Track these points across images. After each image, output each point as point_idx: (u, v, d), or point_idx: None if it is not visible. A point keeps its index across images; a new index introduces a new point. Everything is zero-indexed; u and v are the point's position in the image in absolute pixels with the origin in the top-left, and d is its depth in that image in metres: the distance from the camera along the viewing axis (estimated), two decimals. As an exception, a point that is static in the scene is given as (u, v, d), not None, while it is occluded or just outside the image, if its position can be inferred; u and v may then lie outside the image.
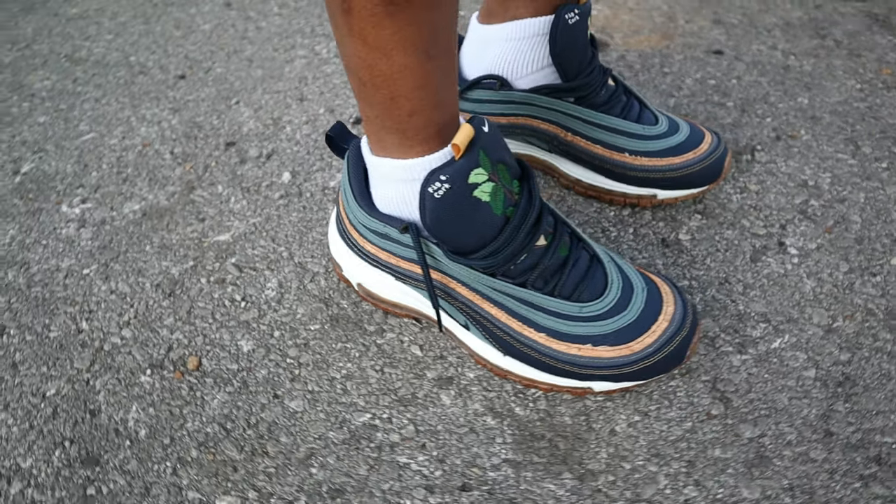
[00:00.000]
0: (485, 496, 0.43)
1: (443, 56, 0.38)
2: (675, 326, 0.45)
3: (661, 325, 0.45)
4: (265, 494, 0.44)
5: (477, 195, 0.42)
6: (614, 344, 0.45)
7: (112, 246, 0.62)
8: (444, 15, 0.36)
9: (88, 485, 0.45)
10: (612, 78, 0.60)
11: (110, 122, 0.77)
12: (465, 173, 0.41)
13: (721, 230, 0.59)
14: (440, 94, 0.40)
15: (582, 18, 0.54)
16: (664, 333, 0.44)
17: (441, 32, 0.37)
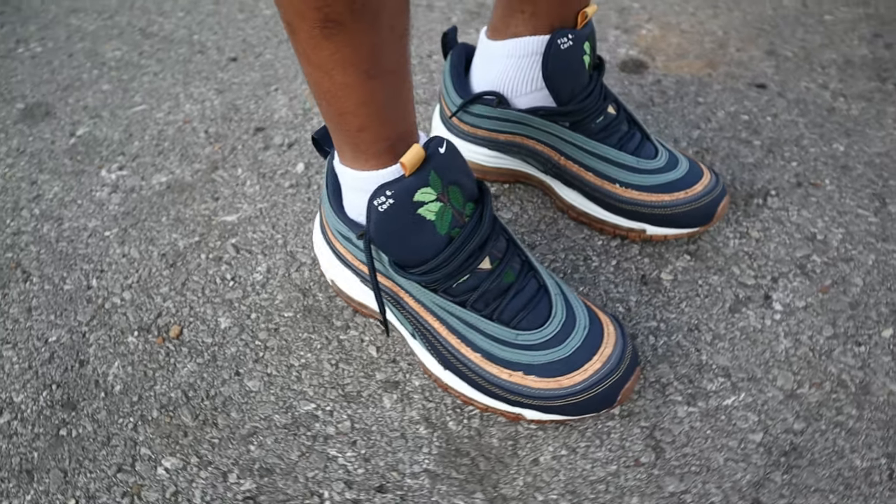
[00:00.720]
0: (397, 500, 0.45)
1: (386, 76, 0.40)
2: (609, 369, 0.45)
3: (593, 366, 0.45)
4: (204, 462, 0.48)
5: (422, 213, 0.43)
6: (543, 376, 0.45)
7: (134, 213, 0.68)
8: (383, 38, 0.37)
9: (62, 426, 0.51)
10: (616, 105, 0.59)
11: (161, 96, 0.84)
12: (411, 191, 0.42)
13: (707, 274, 0.58)
14: (387, 112, 0.42)
15: (576, 44, 0.54)
16: (595, 374, 0.45)
17: (382, 54, 0.38)
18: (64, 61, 0.91)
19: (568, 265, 0.59)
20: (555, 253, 0.60)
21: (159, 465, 0.48)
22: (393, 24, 0.38)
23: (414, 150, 0.42)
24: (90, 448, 0.50)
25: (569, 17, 0.54)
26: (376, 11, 0.36)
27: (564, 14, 0.53)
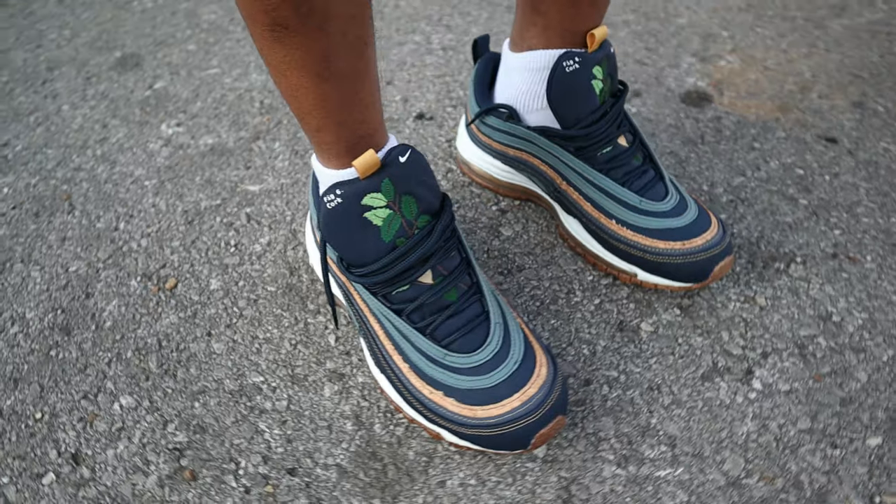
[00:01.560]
0: (301, 486, 0.47)
1: (340, 79, 0.40)
2: (526, 410, 0.43)
3: (512, 403, 0.44)
4: (154, 408, 0.52)
5: (368, 217, 0.44)
6: (462, 401, 0.45)
7: (175, 168, 0.74)
8: (334, 43, 0.38)
9: (54, 348, 0.57)
10: (632, 137, 0.56)
11: (235, 63, 0.90)
12: (360, 194, 0.43)
13: (691, 334, 0.54)
14: (343, 115, 0.42)
15: (584, 67, 0.51)
16: (511, 412, 0.43)
17: (333, 58, 0.39)
18: (165, 18, 0.99)
19: (548, 295, 0.57)
20: (539, 280, 0.59)
21: (117, 400, 0.53)
22: (345, 30, 0.38)
23: (367, 155, 0.42)
24: (68, 372, 0.55)
25: (579, 36, 0.52)
26: (324, 17, 0.37)
27: (575, 29, 0.52)
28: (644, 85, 0.79)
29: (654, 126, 0.73)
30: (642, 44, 0.87)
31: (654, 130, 0.72)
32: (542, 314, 0.56)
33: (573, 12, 0.51)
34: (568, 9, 0.51)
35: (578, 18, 0.51)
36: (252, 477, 0.48)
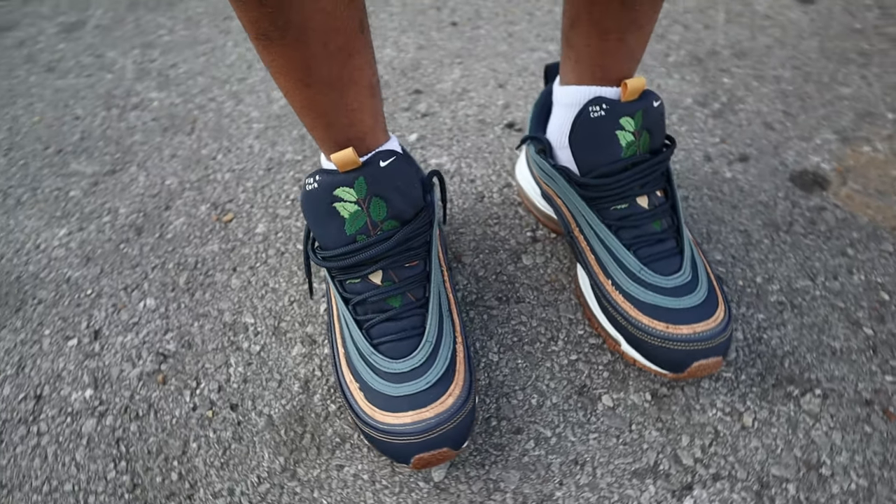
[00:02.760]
0: (233, 421, 0.53)
1: (323, 86, 0.43)
2: (412, 430, 0.44)
3: (404, 417, 0.45)
4: (165, 315, 0.61)
5: (336, 207, 0.47)
6: (368, 399, 0.47)
7: (282, 118, 0.82)
8: (314, 53, 0.41)
9: (124, 242, 0.69)
10: (656, 202, 0.52)
11: (380, 35, 0.96)
12: (333, 185, 0.46)
13: (649, 425, 0.50)
14: (330, 118, 0.45)
15: (610, 116, 0.49)
16: (399, 425, 0.45)
17: (315, 67, 0.42)
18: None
19: (530, 334, 0.56)
20: (530, 317, 0.57)
21: (144, 300, 0.63)
22: (325, 41, 0.41)
23: (344, 153, 0.45)
24: (123, 265, 0.66)
25: (610, 74, 0.50)
26: (302, 30, 0.39)
27: (605, 65, 0.50)
28: (757, 151, 0.71)
29: (742, 198, 0.66)
30: (782, 106, 0.77)
31: (738, 202, 0.66)
32: (513, 350, 0.55)
33: (601, 46, 0.49)
34: (596, 42, 0.49)
35: (608, 55, 0.49)
36: (203, 399, 0.54)
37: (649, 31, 0.49)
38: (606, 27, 0.48)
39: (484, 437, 0.50)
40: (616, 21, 0.47)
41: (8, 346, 0.60)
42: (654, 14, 0.48)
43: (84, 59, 1.01)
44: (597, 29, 0.48)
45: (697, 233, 0.63)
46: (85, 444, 0.52)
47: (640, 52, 0.50)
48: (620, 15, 0.47)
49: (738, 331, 0.55)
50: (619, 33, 0.48)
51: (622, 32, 0.48)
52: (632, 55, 0.50)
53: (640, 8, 0.46)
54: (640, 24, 0.48)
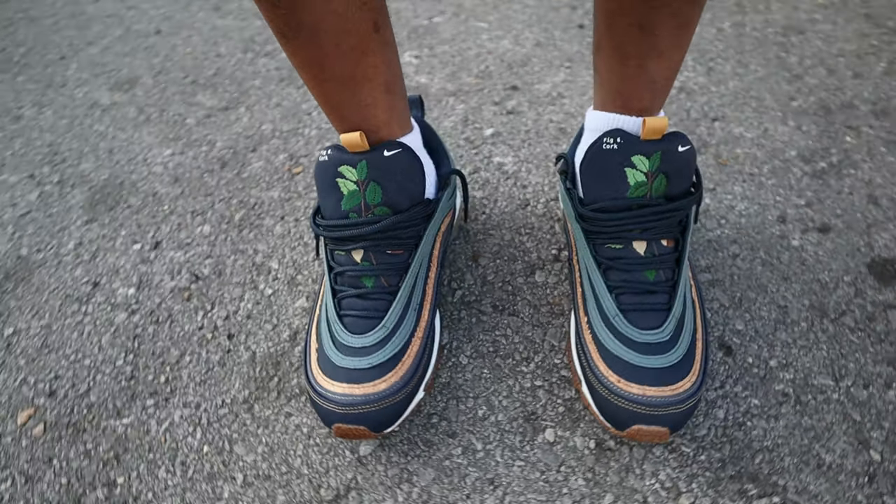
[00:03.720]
0: (225, 349, 0.59)
1: (337, 82, 0.46)
2: (339, 399, 0.47)
3: (337, 387, 0.48)
4: (211, 244, 0.69)
5: (338, 182, 0.50)
6: (319, 362, 0.50)
7: (379, 90, 0.87)
8: (326, 51, 0.43)
9: (208, 173, 0.78)
10: (656, 252, 0.49)
11: (507, 27, 0.97)
12: (338, 161, 0.50)
13: (578, 473, 0.48)
14: (344, 112, 0.48)
15: (623, 151, 0.47)
16: (331, 393, 0.47)
17: (328, 64, 0.44)
18: (488, -30, 1.10)
19: (508, 349, 0.56)
20: (516, 332, 0.57)
21: (202, 225, 0.72)
22: (337, 42, 0.43)
23: (353, 135, 0.48)
24: (198, 192, 0.76)
25: (631, 103, 0.48)
26: (314, 30, 0.42)
27: (625, 92, 0.48)
28: (844, 224, 0.63)
29: (799, 271, 0.59)
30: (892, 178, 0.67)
31: (792, 275, 0.59)
32: (485, 359, 0.56)
33: (622, 72, 0.47)
34: (617, 68, 0.47)
35: (627, 81, 0.47)
36: (210, 322, 0.62)
37: (675, 61, 0.46)
38: (626, 52, 0.46)
39: (420, 430, 0.52)
40: (635, 46, 0.45)
41: (93, 237, 0.72)
42: (676, 42, 0.45)
43: (245, 3, 1.13)
44: (617, 54, 0.46)
45: (730, 295, 0.58)
46: (112, 332, 0.62)
47: (665, 80, 0.47)
48: (640, 40, 0.44)
49: (722, 408, 0.51)
50: (638, 59, 0.46)
51: (642, 59, 0.46)
52: (653, 83, 0.47)
53: (660, 34, 0.43)
54: (660, 50, 0.45)
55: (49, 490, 0.51)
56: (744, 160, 0.71)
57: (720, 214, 0.65)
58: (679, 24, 0.43)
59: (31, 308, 0.65)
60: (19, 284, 0.68)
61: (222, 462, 0.51)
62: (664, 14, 0.42)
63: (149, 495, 0.50)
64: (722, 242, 0.62)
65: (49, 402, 0.57)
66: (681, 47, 0.46)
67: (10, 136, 0.89)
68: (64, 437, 0.54)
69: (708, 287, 0.59)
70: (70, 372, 0.59)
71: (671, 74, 0.48)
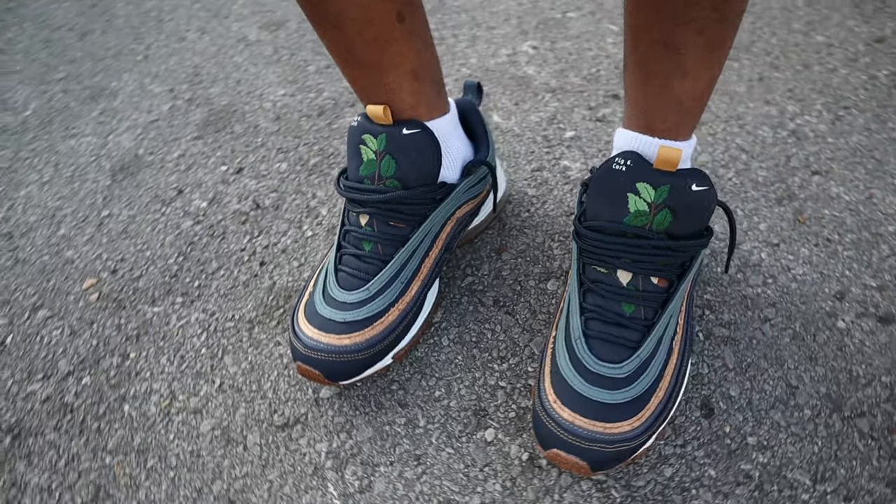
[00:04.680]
0: (254, 266, 0.66)
1: (363, 68, 0.48)
2: (306, 342, 0.51)
3: (310, 331, 0.52)
4: (279, 180, 0.77)
5: (361, 148, 0.54)
6: (305, 306, 0.54)
7: (491, 71, 0.89)
8: (351, 39, 0.46)
9: (305, 118, 0.86)
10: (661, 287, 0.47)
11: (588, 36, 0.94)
12: (364, 129, 0.53)
13: (499, 478, 0.49)
14: (370, 94, 0.50)
15: (630, 175, 0.45)
16: (302, 335, 0.52)
17: (355, 50, 0.47)
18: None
19: (489, 343, 0.57)
20: (504, 331, 0.58)
21: (282, 163, 0.79)
22: (361, 30, 0.45)
23: (375, 108, 0.51)
24: (295, 132, 0.83)
25: (654, 124, 0.47)
26: (339, 19, 0.45)
27: (648, 112, 0.46)
28: None
29: (832, 356, 0.53)
30: None
31: (822, 358, 0.53)
32: (464, 347, 0.57)
33: (646, 91, 0.45)
34: (641, 87, 0.45)
35: (651, 100, 0.45)
36: (252, 247, 0.69)
37: (704, 82, 0.44)
38: (650, 71, 0.44)
39: (377, 391, 0.55)
40: (659, 65, 0.43)
41: (194, 152, 0.82)
42: (705, 62, 0.42)
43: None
44: (641, 73, 0.45)
45: (739, 358, 0.53)
46: (175, 234, 0.71)
47: (692, 102, 0.45)
48: (664, 59, 0.42)
49: (673, 467, 0.48)
50: (662, 78, 0.44)
51: (666, 78, 0.43)
52: (679, 105, 0.45)
53: (686, 52, 0.41)
54: (686, 70, 0.42)
55: (82, 347, 0.61)
56: (827, 223, 0.63)
57: (771, 273, 0.59)
58: (706, 43, 0.41)
59: (127, 199, 0.77)
60: (126, 178, 0.80)
61: (210, 366, 0.58)
62: (690, 31, 0.40)
63: (146, 374, 0.58)
64: (758, 302, 0.57)
65: (109, 278, 0.67)
66: (710, 69, 0.43)
67: (171, 53, 1.03)
68: (108, 308, 0.64)
69: (719, 344, 0.55)
70: (133, 258, 0.69)
71: (699, 96, 0.45)
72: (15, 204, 0.79)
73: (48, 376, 0.59)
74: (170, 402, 0.56)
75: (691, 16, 0.39)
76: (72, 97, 0.96)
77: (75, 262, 0.70)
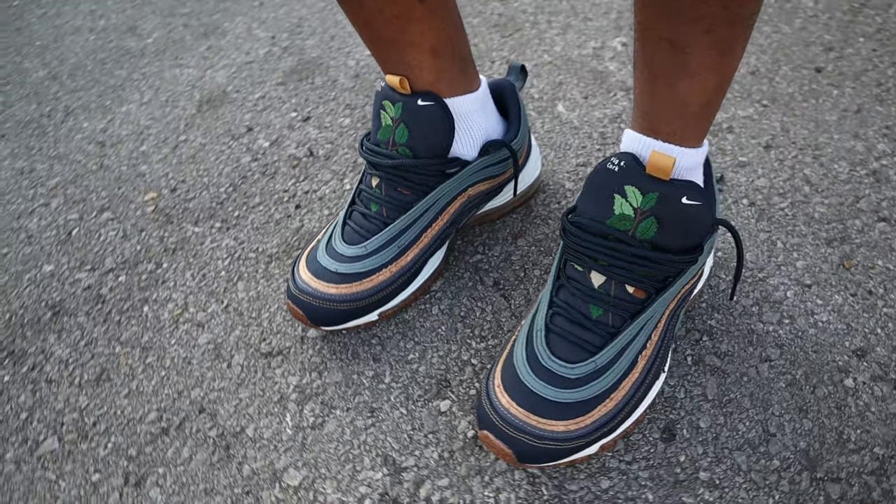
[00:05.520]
0: (289, 207, 0.71)
1: (383, 44, 0.50)
2: (297, 285, 0.54)
3: (305, 275, 0.55)
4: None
5: (381, 113, 0.56)
6: (308, 252, 0.58)
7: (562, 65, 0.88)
8: (371, 16, 0.47)
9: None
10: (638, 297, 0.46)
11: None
12: (385, 95, 0.55)
13: (436, 449, 0.50)
14: (390, 68, 0.52)
15: (620, 177, 0.44)
16: (297, 278, 0.55)
17: (375, 27, 0.48)
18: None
19: (476, 321, 0.58)
20: (494, 312, 0.58)
21: (345, 119, 0.83)
22: (381, 8, 0.47)
23: (393, 78, 0.53)
24: (352, 91, 0.87)
25: (657, 126, 0.45)
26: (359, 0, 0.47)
27: (652, 117, 0.45)
28: None
29: (824, 412, 0.49)
30: None
31: (813, 411, 0.49)
32: (451, 318, 0.58)
33: (651, 91, 0.44)
34: (647, 87, 0.44)
35: (655, 101, 0.44)
36: (294, 190, 0.73)
37: (712, 85, 0.42)
38: (656, 70, 0.42)
39: (358, 342, 0.57)
40: (665, 64, 0.41)
41: (273, 95, 0.88)
42: (713, 64, 0.40)
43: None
44: (648, 72, 0.43)
45: (722, 392, 0.51)
46: (233, 167, 0.77)
47: (700, 107, 0.43)
48: (670, 57, 0.41)
49: (612, 480, 0.47)
50: (668, 79, 0.42)
51: (672, 78, 0.42)
52: (684, 108, 0.43)
53: (692, 52, 0.39)
54: (692, 70, 0.41)
55: (128, 249, 0.69)
56: (876, 275, 0.57)
57: (791, 313, 0.55)
58: (714, 42, 0.39)
59: (204, 128, 0.84)
60: (210, 110, 0.87)
61: (224, 288, 0.63)
62: (697, 30, 0.38)
63: (171, 284, 0.65)
64: (764, 340, 0.54)
65: (168, 194, 0.75)
66: (719, 71, 0.41)
67: (283, 3, 1.10)
68: (158, 221, 0.72)
69: (706, 372, 0.52)
70: (192, 181, 0.76)
71: (708, 101, 0.43)
72: (115, 118, 0.89)
73: (94, 269, 0.67)
74: (181, 312, 0.62)
75: (699, 13, 0.38)
76: (188, 31, 1.05)
77: (145, 176, 0.78)
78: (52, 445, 0.53)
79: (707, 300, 0.57)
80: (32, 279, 0.67)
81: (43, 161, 0.83)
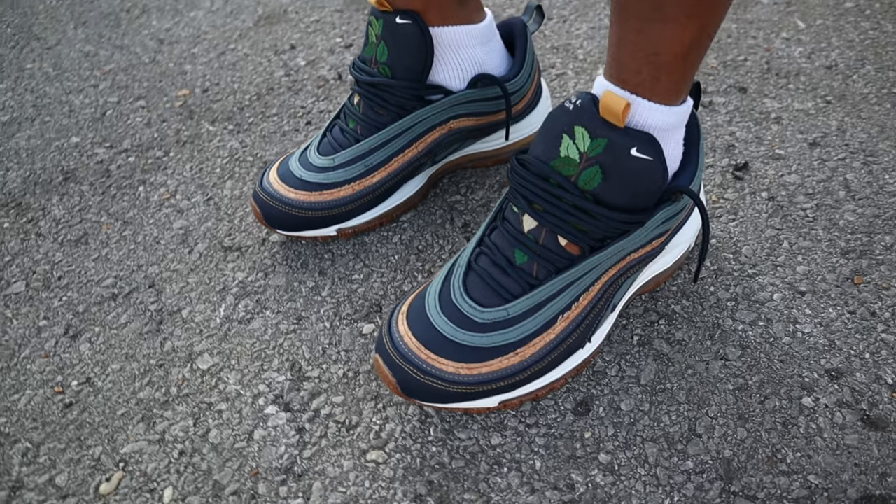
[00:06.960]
0: (307, 132, 0.72)
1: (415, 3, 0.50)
2: (265, 189, 0.55)
3: (276, 184, 0.55)
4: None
5: (368, 29, 0.54)
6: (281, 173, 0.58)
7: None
8: None
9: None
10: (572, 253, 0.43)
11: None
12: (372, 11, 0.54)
13: (343, 367, 0.49)
14: None
15: (569, 117, 0.40)
16: (268, 185, 0.56)
17: None
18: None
19: (425, 248, 0.56)
20: (449, 246, 0.56)
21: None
22: None
23: None
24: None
25: (623, 74, 0.40)
26: None
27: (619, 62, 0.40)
28: None
29: (769, 429, 0.43)
30: None
31: (755, 425, 0.43)
32: (405, 249, 0.57)
33: (620, 35, 0.39)
34: (617, 30, 0.40)
35: (623, 46, 0.39)
36: (310, 108, 0.74)
37: (689, 34, 0.37)
38: (628, 12, 0.38)
39: (312, 254, 0.57)
40: (637, 4, 0.37)
41: (326, 20, 0.89)
42: (691, 9, 0.36)
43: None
44: (619, 14, 0.39)
45: (658, 379, 0.46)
46: (265, 78, 0.79)
47: (674, 58, 0.38)
48: None
49: (504, 439, 0.44)
50: (638, 22, 0.38)
51: (643, 22, 0.37)
52: (655, 56, 0.38)
53: None
54: (665, 14, 0.36)
55: (146, 136, 0.72)
56: (888, 297, 0.49)
57: (770, 317, 0.49)
58: None
59: (254, 41, 0.86)
60: (265, 25, 0.89)
61: (213, 184, 0.65)
62: None
63: (170, 171, 0.67)
64: (728, 337, 0.48)
65: (199, 93, 0.78)
66: (697, 17, 0.36)
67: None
68: (181, 115, 0.75)
69: (649, 356, 0.47)
70: (224, 86, 0.79)
71: (683, 53, 0.38)
72: (181, 21, 0.93)
73: (112, 147, 0.72)
74: (169, 197, 0.65)
75: None
76: (275, -46, 1.08)
77: (186, 75, 0.81)
78: (19, 288, 0.57)
79: (679, 285, 0.52)
80: (59, 147, 0.73)
81: (107, 48, 0.89)
